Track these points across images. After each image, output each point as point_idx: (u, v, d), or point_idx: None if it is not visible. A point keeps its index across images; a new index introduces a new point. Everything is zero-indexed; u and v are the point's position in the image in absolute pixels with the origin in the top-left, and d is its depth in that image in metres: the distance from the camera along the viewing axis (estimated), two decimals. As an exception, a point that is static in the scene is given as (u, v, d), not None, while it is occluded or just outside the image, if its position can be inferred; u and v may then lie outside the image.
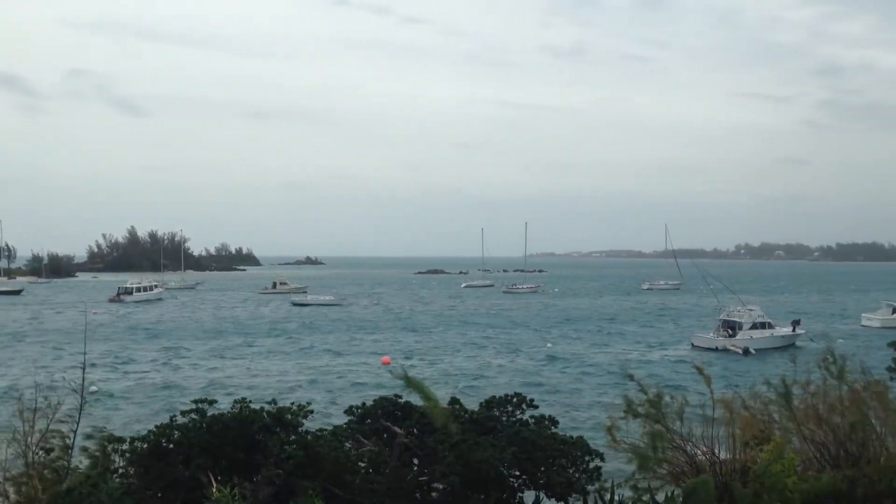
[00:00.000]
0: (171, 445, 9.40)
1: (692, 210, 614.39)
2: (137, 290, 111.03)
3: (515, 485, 10.54)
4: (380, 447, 10.50)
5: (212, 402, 9.87)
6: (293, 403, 10.26)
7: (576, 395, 36.60)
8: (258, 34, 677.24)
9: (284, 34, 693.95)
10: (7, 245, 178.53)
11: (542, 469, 10.35)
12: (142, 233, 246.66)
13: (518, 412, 11.50)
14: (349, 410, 11.64)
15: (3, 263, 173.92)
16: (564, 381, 40.99)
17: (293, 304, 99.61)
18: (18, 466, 8.93)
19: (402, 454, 10.38)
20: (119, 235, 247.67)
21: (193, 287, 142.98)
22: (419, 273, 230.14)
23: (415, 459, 10.55)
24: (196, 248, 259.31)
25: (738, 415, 10.84)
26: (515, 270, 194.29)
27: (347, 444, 10.51)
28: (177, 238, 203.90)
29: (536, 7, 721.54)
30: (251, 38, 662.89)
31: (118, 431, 10.06)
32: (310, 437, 9.72)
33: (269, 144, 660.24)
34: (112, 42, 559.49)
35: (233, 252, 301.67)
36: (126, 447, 9.40)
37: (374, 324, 74.80)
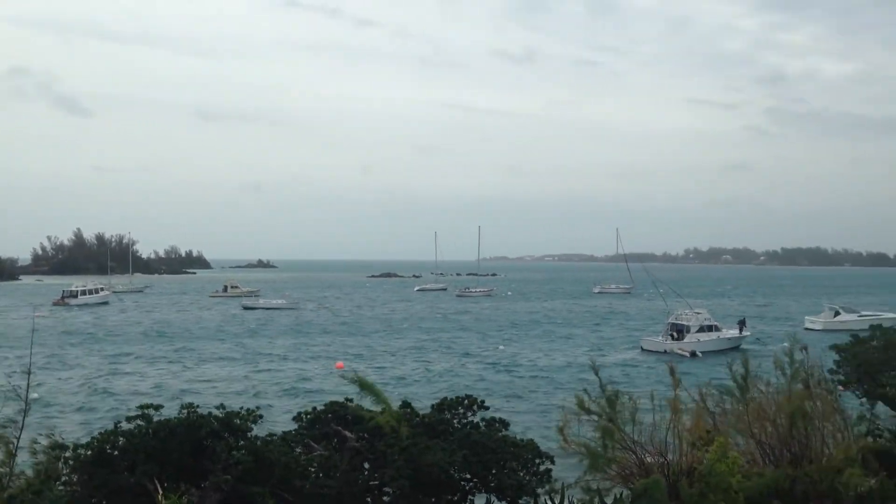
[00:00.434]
0: (116, 452, 9.24)
1: (643, 214, 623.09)
2: (83, 294, 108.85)
3: (466, 488, 10.59)
4: (330, 452, 10.46)
5: (158, 408, 9.72)
6: (242, 408, 10.16)
7: (527, 398, 36.81)
8: (209, 34, 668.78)
9: (236, 35, 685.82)
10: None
11: (493, 472, 10.41)
12: (88, 235, 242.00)
13: (469, 414, 11.55)
14: (299, 416, 11.58)
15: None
16: (516, 384, 41.20)
17: (244, 308, 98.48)
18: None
19: (353, 458, 10.34)
20: (64, 238, 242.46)
21: (141, 290, 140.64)
22: (372, 276, 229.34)
23: (365, 463, 10.53)
24: (144, 251, 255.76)
25: (685, 416, 11.03)
26: (469, 274, 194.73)
27: (297, 449, 10.45)
28: (124, 240, 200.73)
29: (489, 12, 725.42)
30: (202, 39, 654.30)
31: (61, 438, 9.83)
32: (259, 443, 9.64)
33: (221, 146, 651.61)
34: (56, 40, 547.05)
35: (182, 255, 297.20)
36: (69, 454, 9.22)
37: (326, 328, 74.34)
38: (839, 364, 14.50)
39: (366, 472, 10.42)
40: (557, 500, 10.69)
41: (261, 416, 10.13)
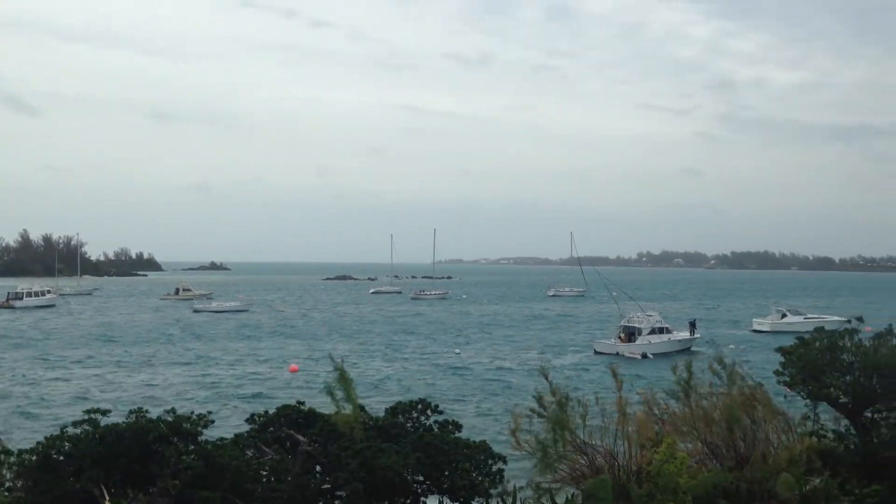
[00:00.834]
0: (62, 457, 9.08)
1: (597, 218, 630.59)
2: (28, 296, 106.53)
3: (419, 490, 10.61)
4: (282, 455, 10.40)
5: (105, 412, 9.58)
6: (192, 413, 10.05)
7: (480, 400, 36.94)
8: (161, 33, 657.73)
9: (189, 34, 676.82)
10: None
11: (446, 474, 10.45)
12: (35, 236, 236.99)
13: (423, 418, 11.58)
14: (251, 419, 11.50)
15: None
16: (469, 387, 41.32)
17: (196, 311, 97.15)
18: None
19: (305, 462, 10.30)
20: (10, 239, 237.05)
21: (90, 293, 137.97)
22: (327, 279, 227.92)
23: (318, 467, 10.49)
24: (94, 253, 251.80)
25: (635, 417, 11.20)
26: (424, 277, 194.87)
27: (249, 453, 10.38)
28: (73, 242, 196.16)
29: (445, 15, 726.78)
30: (154, 38, 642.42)
31: (3, 444, 9.62)
32: (209, 447, 9.55)
33: (173, 146, 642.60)
34: (1, 35, 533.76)
35: (133, 257, 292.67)
36: (14, 459, 9.03)
37: (279, 331, 73.71)
38: (784, 365, 14.78)
39: (318, 476, 10.38)
40: (509, 501, 10.77)
41: (211, 421, 10.03)
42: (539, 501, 10.26)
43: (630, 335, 56.58)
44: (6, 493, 8.84)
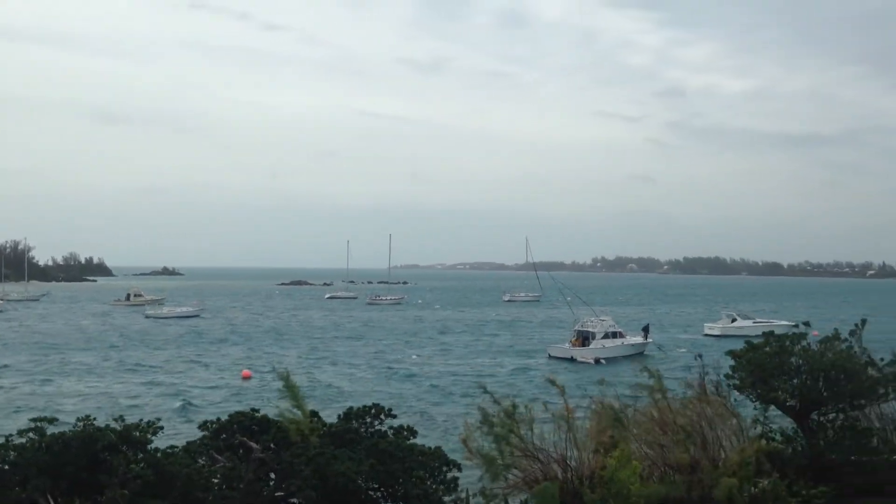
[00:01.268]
0: (7, 466, 8.87)
1: (552, 224, 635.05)
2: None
3: (373, 497, 10.55)
4: (235, 462, 10.27)
5: (52, 421, 9.38)
6: (141, 420, 9.89)
7: (435, 406, 36.91)
8: (109, 34, 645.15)
9: (138, 35, 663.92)
10: None
11: (400, 481, 10.41)
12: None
13: (377, 423, 11.52)
14: (203, 426, 11.34)
15: None
16: (424, 392, 41.26)
17: (147, 317, 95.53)
18: None
19: (258, 469, 10.19)
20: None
21: (38, 299, 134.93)
22: (282, 284, 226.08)
23: (271, 474, 10.38)
24: (42, 258, 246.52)
25: (587, 423, 11.29)
26: (380, 282, 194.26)
27: (201, 461, 10.24)
28: (20, 247, 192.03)
29: (399, 20, 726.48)
30: (102, 38, 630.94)
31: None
32: (159, 455, 9.41)
33: (123, 149, 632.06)
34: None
35: (83, 262, 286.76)
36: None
37: (234, 336, 72.85)
38: (734, 369, 15.05)
39: (271, 483, 10.27)
40: (463, 508, 10.77)
41: (161, 428, 9.88)
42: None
43: (584, 339, 57.06)
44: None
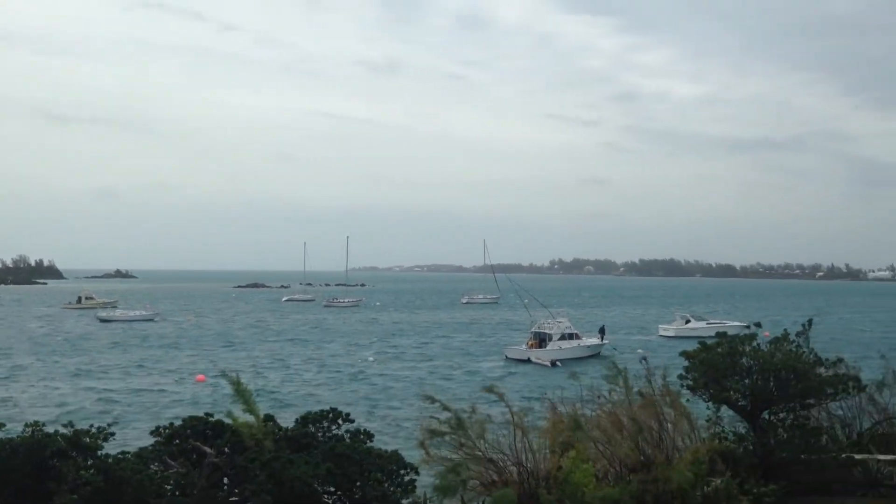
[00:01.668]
0: (-51, 475, 8.62)
1: (510, 226, 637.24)
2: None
3: (330, 501, 10.50)
4: (188, 468, 10.15)
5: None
6: (92, 426, 9.72)
7: (393, 409, 36.83)
8: (60, 32, 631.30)
9: (90, 34, 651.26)
10: None
11: (357, 484, 10.38)
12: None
13: (334, 427, 11.47)
14: (156, 431, 11.18)
15: None
16: (381, 395, 41.14)
17: (100, 321, 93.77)
18: None
19: (212, 474, 10.07)
20: None
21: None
22: (239, 287, 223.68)
23: (225, 479, 10.27)
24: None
25: (543, 424, 11.35)
26: (337, 284, 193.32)
27: (153, 467, 10.09)
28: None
29: (357, 22, 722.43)
30: (52, 36, 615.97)
31: None
32: (110, 461, 9.26)
33: (74, 150, 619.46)
34: None
35: (32, 264, 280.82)
36: None
37: (188, 340, 71.88)
38: (688, 370, 15.26)
39: (226, 489, 10.16)
40: (421, 511, 10.76)
41: (111, 434, 9.72)
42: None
43: (541, 341, 57.40)
44: None
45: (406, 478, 10.69)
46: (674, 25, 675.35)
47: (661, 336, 75.63)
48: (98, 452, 9.31)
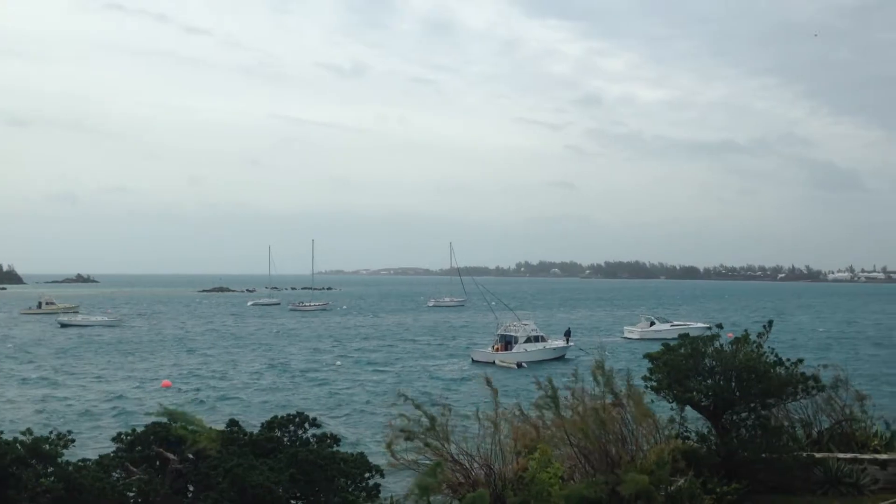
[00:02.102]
0: None
1: (477, 229, 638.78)
2: None
3: (294, 507, 10.43)
4: (151, 475, 10.02)
5: (-46, 435, 8.96)
6: (52, 433, 9.56)
7: (359, 413, 36.72)
8: (18, 34, 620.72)
9: (49, 36, 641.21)
10: None
11: (321, 489, 10.32)
12: None
13: (300, 432, 11.40)
14: (118, 437, 11.03)
15: None
16: (347, 399, 40.99)
17: (61, 326, 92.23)
18: None
19: (175, 481, 9.96)
20: None
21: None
22: (203, 291, 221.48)
23: (189, 486, 10.16)
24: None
25: (509, 426, 11.40)
26: (304, 288, 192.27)
27: (115, 474, 9.95)
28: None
29: (323, 26, 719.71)
30: (9, 38, 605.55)
31: None
32: (71, 468, 9.11)
33: (33, 154, 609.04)
34: None
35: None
36: None
37: (152, 345, 70.96)
38: (652, 371, 15.43)
39: (189, 496, 10.06)
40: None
41: (72, 441, 9.57)
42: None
43: (507, 344, 57.58)
44: None
45: (371, 481, 10.65)
46: (635, 31, 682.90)
47: (626, 338, 76.23)
48: (58, 460, 9.14)
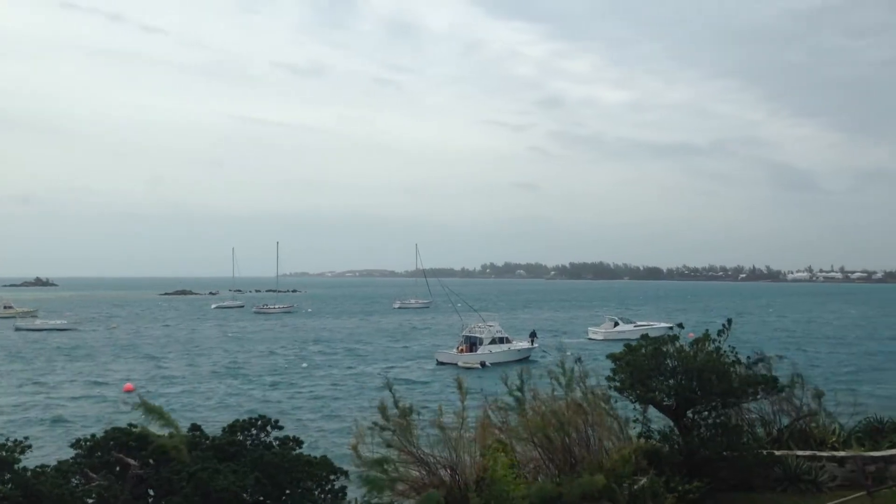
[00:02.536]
0: None
1: (442, 231, 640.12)
2: None
3: (258, 510, 10.35)
4: (111, 481, 9.88)
5: None
6: (7, 439, 9.40)
7: (323, 415, 36.57)
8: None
9: (3, 34, 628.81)
10: None
11: (287, 492, 10.26)
12: None
13: (262, 435, 11.32)
14: (77, 443, 10.86)
15: None
16: (311, 401, 40.80)
17: (17, 330, 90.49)
18: None
19: (136, 487, 9.84)
20: None
21: None
22: (165, 294, 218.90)
23: (150, 491, 10.04)
24: None
25: (473, 427, 11.44)
26: (268, 290, 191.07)
27: (74, 480, 9.80)
28: None
29: (284, 26, 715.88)
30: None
31: None
32: (29, 475, 8.96)
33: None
34: None
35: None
36: None
37: (113, 350, 69.93)
38: (615, 371, 15.56)
39: (150, 501, 9.94)
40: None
41: (28, 446, 9.41)
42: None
43: (471, 345, 57.72)
44: None
45: (336, 484, 10.62)
46: (597, 34, 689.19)
47: (591, 339, 76.73)
48: (15, 466, 8.98)
